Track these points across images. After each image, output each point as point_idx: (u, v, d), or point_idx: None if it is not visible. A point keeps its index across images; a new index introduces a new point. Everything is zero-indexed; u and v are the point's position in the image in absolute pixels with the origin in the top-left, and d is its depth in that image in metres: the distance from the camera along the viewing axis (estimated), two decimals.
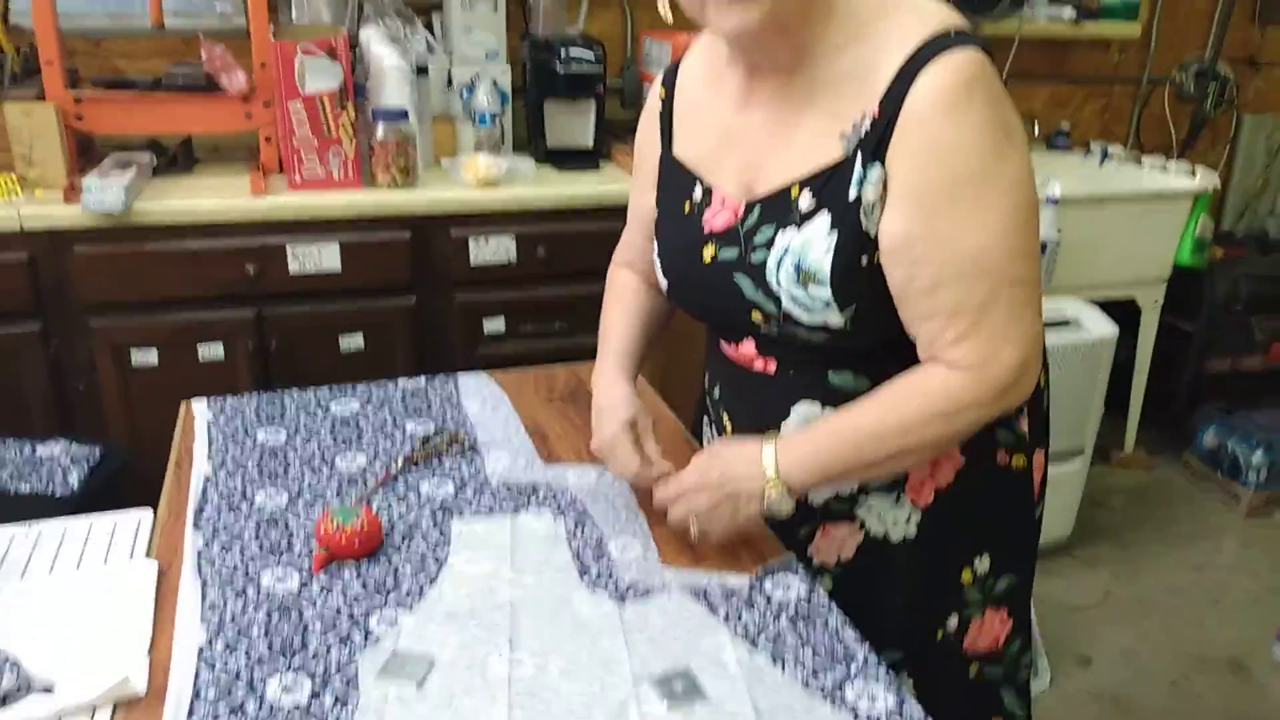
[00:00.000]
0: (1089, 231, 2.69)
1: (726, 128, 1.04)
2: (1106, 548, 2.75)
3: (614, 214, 2.14)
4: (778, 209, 0.98)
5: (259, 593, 1.00)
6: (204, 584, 1.01)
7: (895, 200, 0.91)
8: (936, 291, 0.91)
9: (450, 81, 2.30)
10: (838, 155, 0.93)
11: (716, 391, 1.21)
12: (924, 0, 0.94)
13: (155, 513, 1.15)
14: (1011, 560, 1.13)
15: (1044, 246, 2.60)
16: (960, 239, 0.89)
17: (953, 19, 0.91)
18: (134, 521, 1.14)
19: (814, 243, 0.95)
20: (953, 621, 1.12)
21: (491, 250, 2.12)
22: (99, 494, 1.72)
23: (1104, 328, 2.44)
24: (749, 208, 1.01)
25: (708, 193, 1.06)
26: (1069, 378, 2.41)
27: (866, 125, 0.91)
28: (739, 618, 0.98)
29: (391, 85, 2.01)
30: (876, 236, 0.93)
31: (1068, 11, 2.93)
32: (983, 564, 1.11)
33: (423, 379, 1.50)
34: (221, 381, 2.00)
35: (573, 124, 2.30)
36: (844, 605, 0.99)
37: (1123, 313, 2.89)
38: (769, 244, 0.98)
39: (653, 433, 1.12)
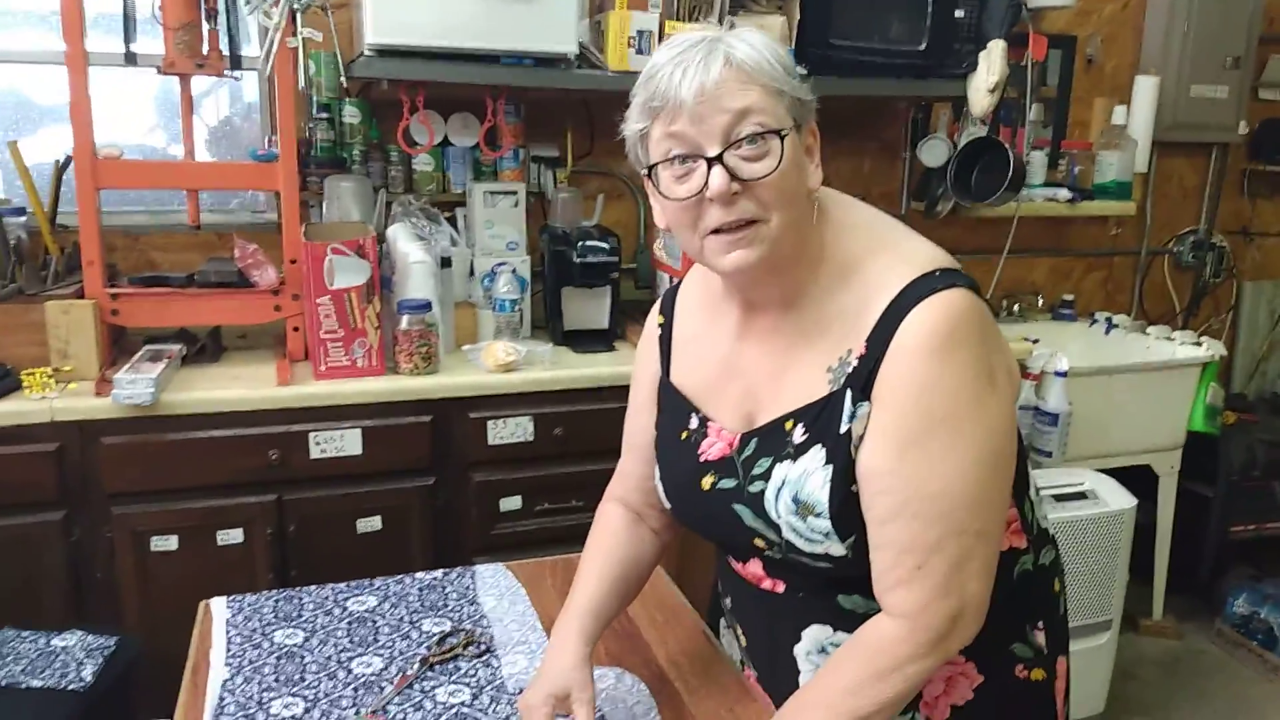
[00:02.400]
0: (1099, 402, 2.72)
1: (724, 358, 1.07)
2: None
3: (628, 392, 2.19)
4: (773, 441, 1.00)
5: None
6: None
7: (873, 433, 0.93)
8: (891, 523, 0.93)
9: (472, 271, 2.40)
10: (825, 390, 0.96)
11: (729, 602, 1.21)
12: (911, 241, 0.98)
13: None
14: None
15: (1055, 417, 2.62)
16: (925, 481, 0.91)
17: (940, 258, 0.95)
18: None
19: (810, 475, 0.96)
20: None
21: (509, 431, 2.16)
22: (113, 687, 1.70)
23: (1121, 499, 2.43)
24: (745, 439, 1.03)
25: (703, 423, 1.08)
26: (1090, 550, 2.39)
27: (854, 362, 0.94)
28: None
29: (416, 279, 2.10)
30: None
31: (1063, 193, 3.05)
32: None
33: (440, 572, 1.50)
34: (239, 567, 2.00)
35: (589, 308, 2.38)
36: None
37: (1142, 478, 2.89)
38: (766, 475, 1.00)
39: (590, 709, 1.05)
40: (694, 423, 1.09)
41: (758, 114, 0.90)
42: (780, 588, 1.08)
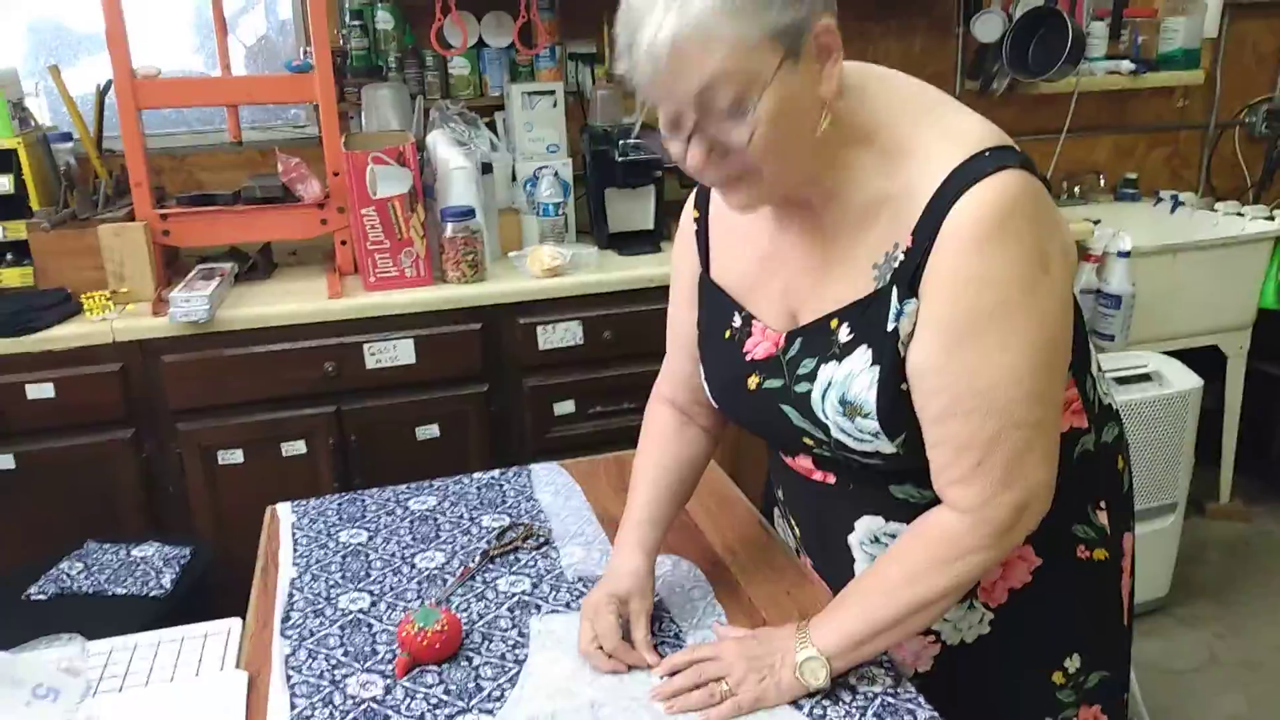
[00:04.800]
0: (1165, 282, 2.63)
1: (764, 252, 1.02)
2: (1207, 605, 2.63)
3: None
4: (818, 340, 0.97)
5: (345, 700, 1.02)
6: (292, 693, 1.03)
7: (921, 329, 0.89)
8: (945, 422, 0.90)
9: (514, 177, 2.37)
10: (871, 287, 0.92)
11: (780, 494, 1.21)
12: (959, 117, 0.91)
13: (244, 620, 1.18)
14: (1103, 656, 1.09)
15: (1118, 299, 2.55)
16: (977, 375, 0.87)
17: (990, 136, 0.88)
18: (224, 631, 1.17)
19: (856, 376, 0.93)
20: None
21: (559, 336, 2.16)
22: (191, 593, 1.77)
23: (1186, 380, 2.37)
24: (790, 338, 1.00)
25: (747, 321, 1.04)
26: (1154, 433, 2.34)
27: (900, 256, 0.89)
28: (824, 714, 0.96)
29: (458, 186, 2.08)
30: None
31: (1126, 65, 2.90)
32: (1073, 663, 1.07)
33: (496, 472, 1.53)
34: (305, 476, 2.06)
35: (633, 209, 2.35)
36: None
37: (1209, 361, 2.81)
38: (811, 376, 0.97)
39: (647, 620, 1.06)
40: (737, 320, 1.06)
41: (723, 85, 0.80)
42: (831, 479, 1.07)
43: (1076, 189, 3.08)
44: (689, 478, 1.20)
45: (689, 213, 1.13)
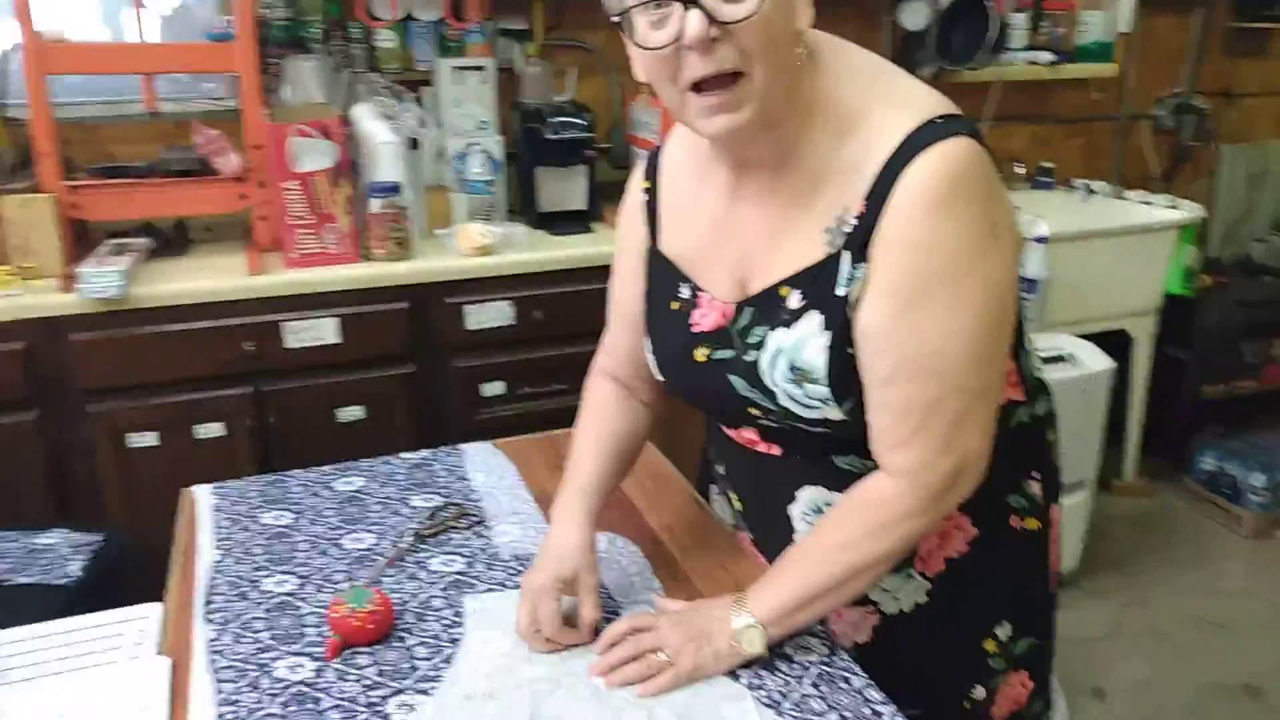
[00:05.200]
0: (1078, 267, 2.72)
1: (716, 222, 1.02)
2: (1114, 577, 2.74)
3: (608, 273, 2.16)
4: (768, 308, 0.97)
5: (274, 683, 0.99)
6: (217, 678, 1.00)
7: (871, 293, 0.90)
8: (890, 384, 0.91)
9: (442, 153, 2.33)
10: (822, 253, 0.92)
11: (722, 468, 1.21)
12: (910, 86, 0.92)
13: (163, 605, 1.14)
14: (1031, 622, 1.12)
15: (1035, 284, 2.62)
16: (923, 338, 0.88)
17: (940, 104, 0.89)
18: (142, 617, 1.13)
19: (807, 342, 0.93)
20: (979, 691, 1.11)
21: (489, 315, 2.13)
22: (102, 581, 1.71)
23: (1099, 361, 2.46)
24: (739, 308, 1.00)
25: (695, 293, 1.04)
26: (1068, 413, 2.38)
27: (852, 221, 0.90)
28: (762, 683, 0.97)
29: (384, 160, 2.03)
30: None
31: (1045, 55, 2.98)
32: (1004, 631, 1.10)
33: (427, 452, 1.50)
34: (221, 460, 2.00)
35: (565, 188, 2.33)
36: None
37: (1116, 344, 2.91)
38: (760, 344, 0.97)
39: (595, 597, 1.04)
40: (685, 292, 1.05)
41: None
42: (776, 450, 1.07)
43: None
44: (630, 450, 1.19)
45: (638, 184, 1.12)
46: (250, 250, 2.11)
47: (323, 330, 2.00)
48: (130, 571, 1.80)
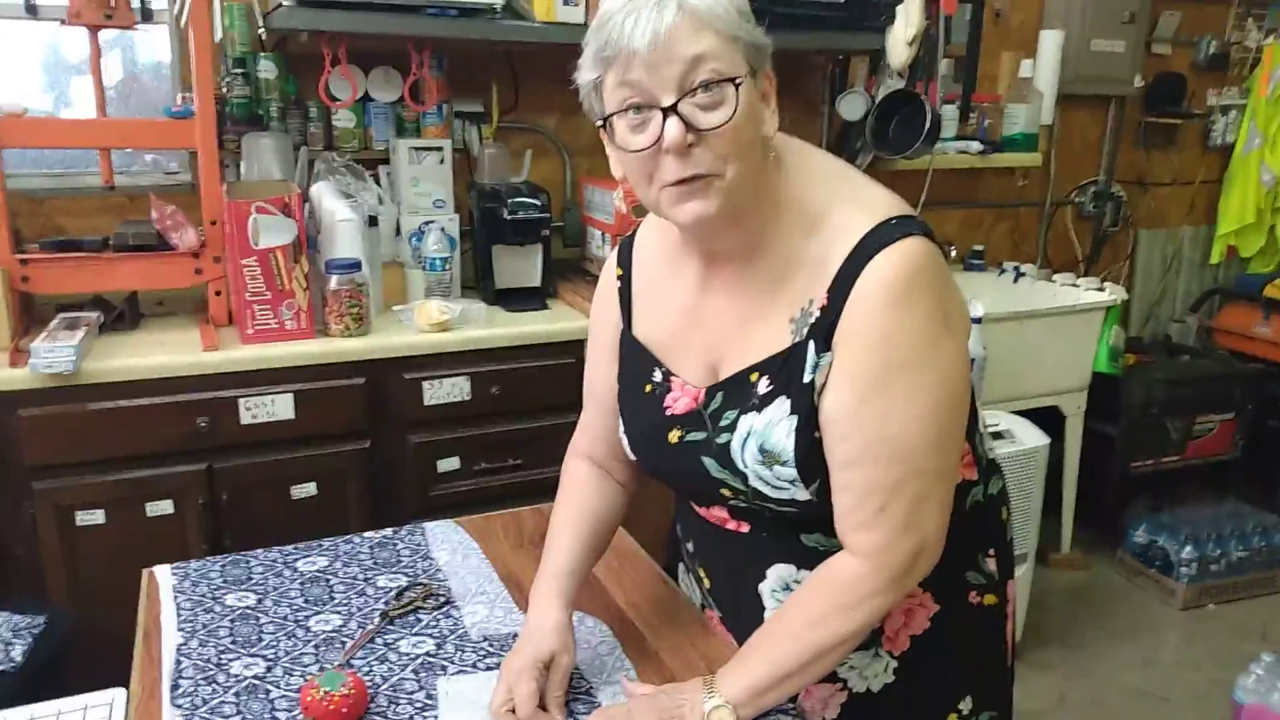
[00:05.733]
0: (1012, 346, 2.83)
1: (686, 310, 1.07)
2: (1055, 650, 2.81)
3: (564, 349, 2.21)
4: (738, 393, 1.02)
5: None
6: None
7: (835, 380, 0.95)
8: (853, 467, 0.96)
9: (399, 230, 2.36)
10: (789, 341, 0.98)
11: (691, 546, 1.24)
12: (868, 189, 1.00)
13: (127, 690, 1.12)
14: (991, 695, 1.16)
15: (972, 362, 2.72)
16: (884, 424, 0.94)
17: (895, 206, 0.97)
18: (107, 702, 1.10)
19: (775, 425, 0.98)
20: None
21: (445, 391, 2.14)
22: (46, 666, 1.65)
23: (1036, 438, 2.55)
24: (710, 393, 1.04)
25: (667, 377, 1.09)
26: (1010, 487, 2.49)
27: (815, 313, 0.96)
28: None
29: (344, 238, 2.05)
30: None
31: (974, 145, 3.15)
32: (966, 705, 1.14)
33: (389, 530, 1.50)
34: (171, 538, 1.95)
35: (520, 266, 2.37)
36: None
37: (1051, 419, 3.03)
38: (732, 427, 1.02)
39: (565, 678, 1.07)
40: (657, 376, 1.09)
41: (712, 61, 0.89)
42: (745, 528, 1.11)
43: None
44: (605, 531, 1.21)
45: (611, 270, 1.17)
46: (205, 325, 2.10)
47: (278, 406, 1.99)
48: (76, 655, 1.74)
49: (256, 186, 2.10)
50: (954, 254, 3.36)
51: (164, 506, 1.96)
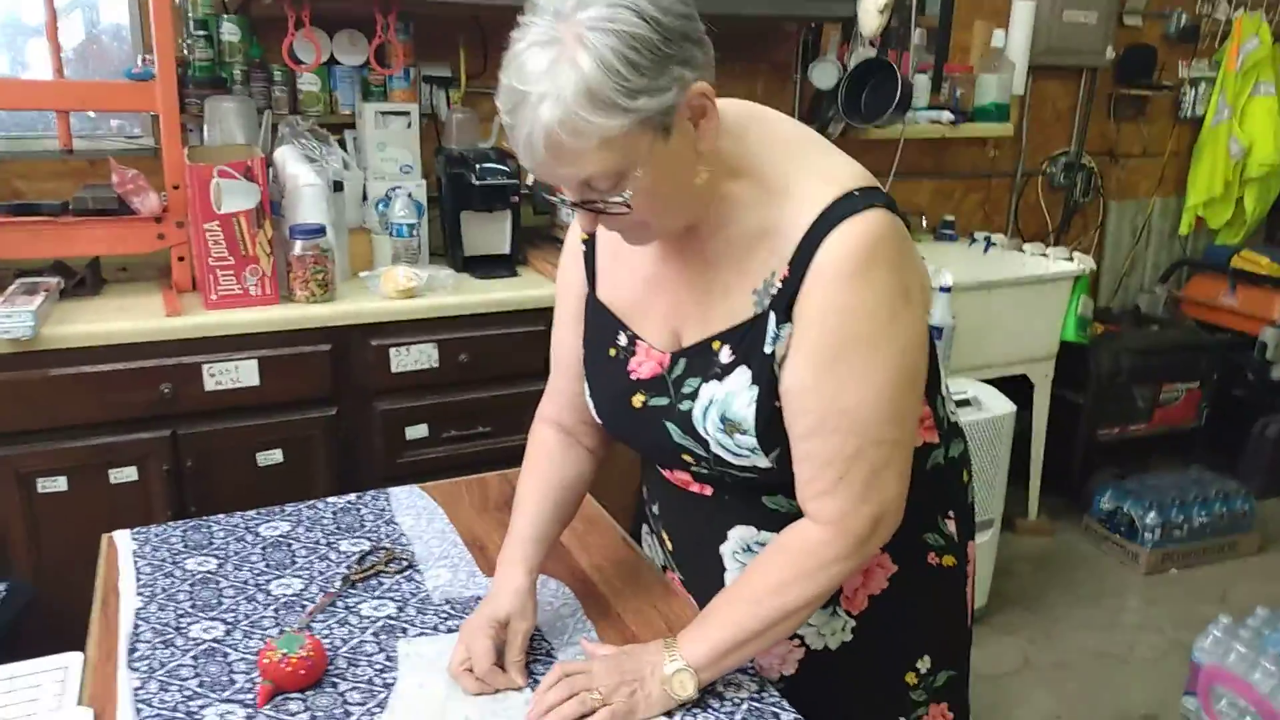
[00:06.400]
0: (980, 315, 2.85)
1: (650, 275, 1.07)
2: (1020, 614, 2.85)
3: (533, 317, 2.20)
4: (701, 361, 1.02)
5: None
6: None
7: (794, 352, 0.95)
8: (812, 438, 0.97)
9: (365, 196, 2.33)
10: (751, 312, 0.98)
11: (656, 508, 1.24)
12: (832, 158, 0.99)
13: (84, 654, 1.11)
14: (949, 655, 1.18)
15: (940, 331, 2.74)
16: (842, 396, 0.94)
17: (858, 177, 0.96)
18: (61, 666, 1.09)
19: (737, 395, 0.99)
20: None
21: (413, 359, 2.13)
22: (6, 635, 1.64)
23: (1002, 405, 2.58)
24: (674, 359, 1.04)
25: (632, 340, 1.08)
26: (975, 454, 2.52)
27: (777, 284, 0.96)
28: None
29: (308, 203, 2.03)
30: None
31: (946, 115, 3.15)
32: (924, 664, 1.16)
33: (354, 496, 1.49)
34: (135, 505, 1.94)
35: (489, 233, 2.35)
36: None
37: (1017, 388, 3.06)
38: (694, 395, 1.02)
39: (524, 642, 1.07)
40: (623, 339, 1.09)
41: (597, 179, 0.88)
42: (708, 491, 1.11)
43: None
44: (572, 498, 1.21)
45: (576, 233, 1.16)
46: (167, 291, 2.07)
47: (243, 372, 1.97)
48: (36, 622, 1.73)
49: (219, 151, 2.07)
50: (925, 224, 3.37)
51: (127, 473, 1.94)
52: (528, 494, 1.19)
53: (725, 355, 1.00)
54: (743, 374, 0.98)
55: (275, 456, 2.07)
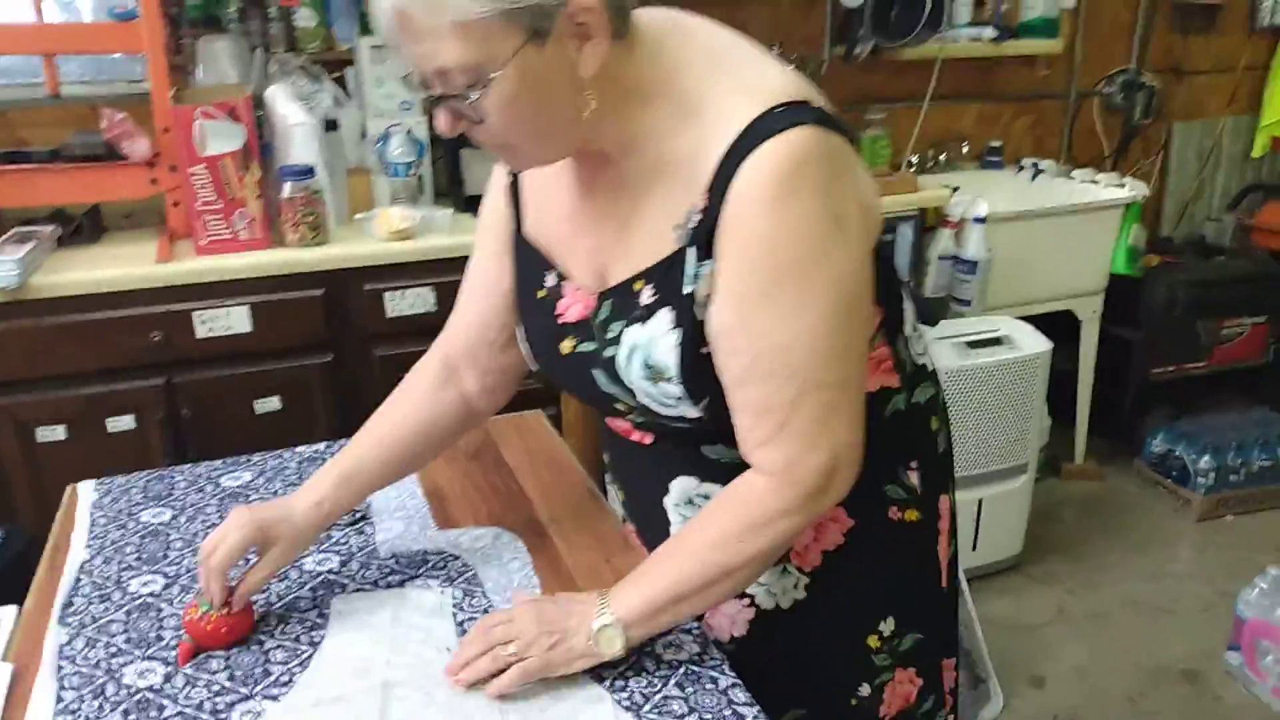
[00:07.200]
0: (1021, 248, 2.69)
1: (572, 211, 0.98)
2: (1060, 562, 2.73)
3: None
4: (624, 303, 0.93)
5: (119, 690, 0.95)
6: (60, 685, 0.96)
7: (718, 290, 0.86)
8: (745, 385, 0.88)
9: (364, 134, 2.27)
10: (672, 248, 0.89)
11: (608, 457, 1.18)
12: (756, 70, 0.88)
13: (17, 608, 1.10)
14: (917, 617, 1.08)
15: (974, 265, 2.59)
16: (771, 335, 0.85)
17: (786, 90, 0.85)
18: None
19: (659, 340, 0.90)
20: (864, 689, 1.07)
21: (409, 302, 2.08)
22: (4, 577, 1.66)
23: (1036, 343, 2.43)
24: (600, 300, 0.96)
25: (559, 281, 1.00)
26: (1003, 396, 2.39)
27: (696, 216, 0.86)
28: (625, 684, 0.94)
29: (297, 142, 1.97)
30: None
31: (988, 31, 2.94)
32: (888, 626, 1.06)
33: (322, 445, 1.46)
34: (134, 454, 1.94)
35: (491, 170, 2.26)
36: (744, 679, 0.94)
37: (1066, 324, 2.90)
38: (617, 340, 0.94)
39: (268, 574, 1.02)
40: (550, 280, 1.01)
41: (452, 71, 0.79)
42: (648, 439, 1.04)
43: (941, 156, 3.12)
44: (417, 444, 1.12)
45: (501, 166, 1.08)
46: (162, 237, 2.05)
47: (234, 319, 1.95)
48: (35, 568, 1.74)
49: (208, 91, 2.02)
50: (966, 151, 3.18)
51: (125, 422, 1.94)
52: (365, 428, 1.12)
53: (646, 295, 0.91)
54: (665, 316, 0.90)
55: (273, 404, 2.05)
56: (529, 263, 1.04)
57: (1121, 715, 2.19)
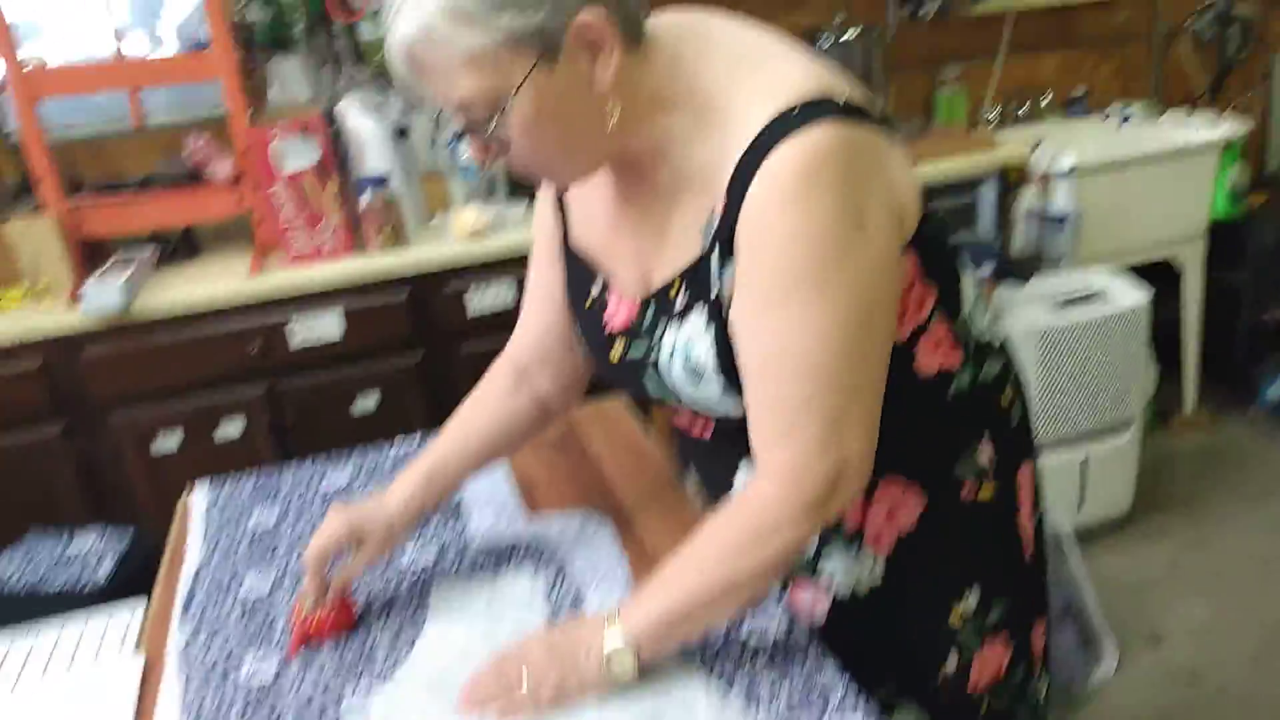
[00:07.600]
0: (1113, 197, 2.59)
1: (615, 220, 0.99)
2: (1173, 518, 2.63)
3: None
4: (663, 306, 0.95)
5: (238, 683, 1.00)
6: (187, 678, 1.02)
7: (737, 291, 0.87)
8: (758, 384, 0.87)
9: (435, 139, 2.32)
10: (698, 251, 0.90)
11: (677, 445, 1.19)
12: (777, 70, 0.86)
13: (149, 604, 1.17)
14: (1003, 586, 1.05)
15: (1063, 220, 2.51)
16: (787, 336, 0.84)
17: (807, 88, 0.83)
18: (126, 617, 1.15)
19: (696, 340, 0.91)
20: (952, 663, 1.05)
21: (490, 299, 2.13)
22: (130, 582, 1.75)
23: (1133, 296, 2.34)
24: (644, 306, 0.97)
25: (604, 288, 1.02)
26: (1100, 352, 2.31)
27: (717, 220, 0.87)
28: (715, 662, 0.95)
29: (371, 153, 2.04)
30: None
31: None
32: (971, 600, 1.04)
33: (416, 440, 1.50)
34: (243, 459, 2.03)
35: None
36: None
37: (1168, 273, 2.78)
38: (660, 343, 0.95)
39: (359, 567, 1.07)
40: (595, 289, 1.03)
41: (471, 103, 0.81)
42: (708, 432, 1.05)
43: (1022, 110, 3.02)
44: (497, 448, 1.16)
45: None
46: (253, 252, 2.14)
47: (325, 326, 2.02)
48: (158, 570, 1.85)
49: (281, 110, 2.10)
50: (1046, 102, 3.07)
51: (232, 430, 2.04)
52: (446, 433, 1.15)
53: (682, 298, 0.93)
54: (699, 317, 0.91)
55: (370, 403, 2.12)
56: (576, 272, 1.06)
57: (1245, 674, 2.10)
